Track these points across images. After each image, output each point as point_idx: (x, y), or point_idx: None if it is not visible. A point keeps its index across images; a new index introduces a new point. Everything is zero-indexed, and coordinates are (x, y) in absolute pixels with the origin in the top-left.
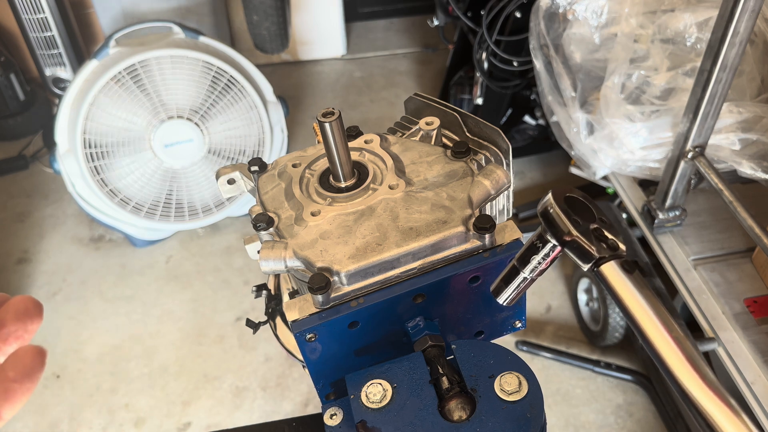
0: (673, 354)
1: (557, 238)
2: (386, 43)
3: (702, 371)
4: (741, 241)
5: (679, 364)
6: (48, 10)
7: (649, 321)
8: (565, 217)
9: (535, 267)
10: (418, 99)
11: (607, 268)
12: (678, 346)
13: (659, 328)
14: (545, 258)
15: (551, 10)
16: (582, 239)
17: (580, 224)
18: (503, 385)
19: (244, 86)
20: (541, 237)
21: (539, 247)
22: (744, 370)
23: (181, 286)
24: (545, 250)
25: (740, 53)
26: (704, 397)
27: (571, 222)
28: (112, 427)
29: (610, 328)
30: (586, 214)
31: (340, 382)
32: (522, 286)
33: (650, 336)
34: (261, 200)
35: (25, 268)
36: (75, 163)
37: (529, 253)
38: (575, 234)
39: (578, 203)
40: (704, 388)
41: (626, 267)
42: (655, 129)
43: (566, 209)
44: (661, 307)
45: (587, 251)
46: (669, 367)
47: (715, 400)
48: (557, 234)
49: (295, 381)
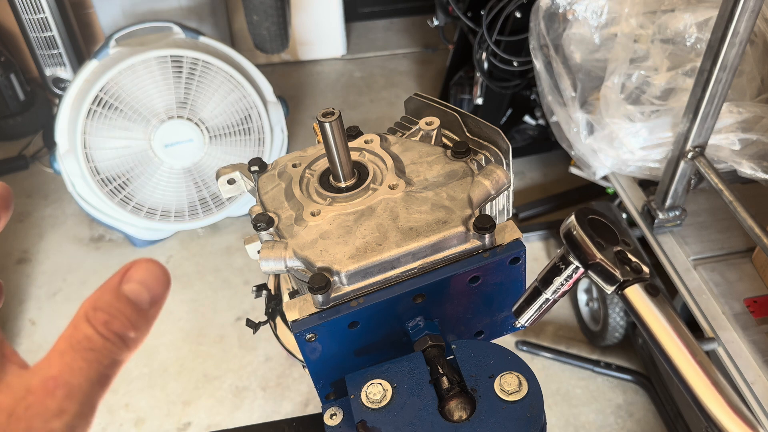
0: (697, 378)
1: (581, 261)
2: (386, 43)
3: (727, 395)
4: (741, 241)
5: (704, 387)
6: (48, 10)
7: (673, 345)
8: (589, 240)
9: (558, 288)
10: (418, 99)
11: (631, 291)
12: (702, 370)
13: (684, 351)
14: (568, 280)
15: (551, 10)
16: (606, 262)
17: (604, 247)
18: (503, 385)
19: (244, 86)
20: (564, 258)
21: (562, 268)
22: (744, 370)
23: (181, 286)
24: (568, 272)
25: (740, 53)
26: (730, 422)
27: (595, 245)
28: (112, 427)
29: (610, 328)
30: (609, 236)
31: (340, 382)
32: (544, 307)
33: (675, 360)
34: (261, 200)
35: (25, 268)
36: (75, 163)
37: (552, 275)
38: (599, 257)
39: (601, 225)
40: (729, 413)
41: (650, 290)
42: (655, 129)
43: (590, 231)
44: (685, 331)
45: (611, 274)
46: (693, 391)
47: (741, 426)
48: (581, 257)
49: (295, 381)
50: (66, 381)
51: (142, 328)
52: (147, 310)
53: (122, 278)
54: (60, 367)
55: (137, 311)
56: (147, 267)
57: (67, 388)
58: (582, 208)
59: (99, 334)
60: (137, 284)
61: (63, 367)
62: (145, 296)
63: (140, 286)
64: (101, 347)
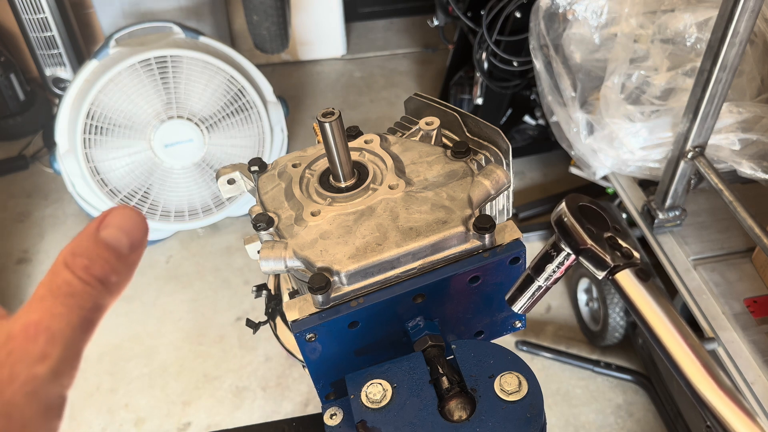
0: (688, 360)
1: (572, 247)
2: (386, 43)
3: (717, 377)
4: (741, 241)
5: (695, 370)
6: (48, 10)
7: (664, 328)
8: (579, 226)
9: (550, 275)
10: (418, 99)
11: (622, 276)
12: (693, 353)
13: (675, 335)
14: (559, 266)
15: (551, 10)
16: (597, 248)
17: (595, 233)
18: (503, 385)
19: (244, 86)
20: (556, 246)
21: (553, 255)
22: (744, 370)
23: (181, 286)
24: (559, 259)
25: (740, 53)
26: (720, 402)
27: (585, 231)
28: (112, 426)
29: (610, 328)
30: (600, 223)
31: (340, 382)
32: (537, 294)
33: (665, 343)
34: (261, 200)
35: (25, 268)
36: (75, 163)
37: (544, 262)
38: (590, 243)
39: (592, 212)
40: (720, 394)
41: (641, 275)
42: (655, 129)
43: (580, 218)
44: (676, 315)
45: (602, 260)
46: (684, 373)
47: (731, 406)
48: (572, 243)
49: (295, 381)
50: (47, 326)
51: (123, 272)
52: (127, 254)
53: (100, 225)
54: (40, 312)
55: (117, 255)
56: (123, 213)
57: (49, 333)
58: (572, 195)
59: (79, 279)
60: (115, 229)
61: (43, 313)
62: (124, 240)
63: (118, 231)
64: (82, 292)
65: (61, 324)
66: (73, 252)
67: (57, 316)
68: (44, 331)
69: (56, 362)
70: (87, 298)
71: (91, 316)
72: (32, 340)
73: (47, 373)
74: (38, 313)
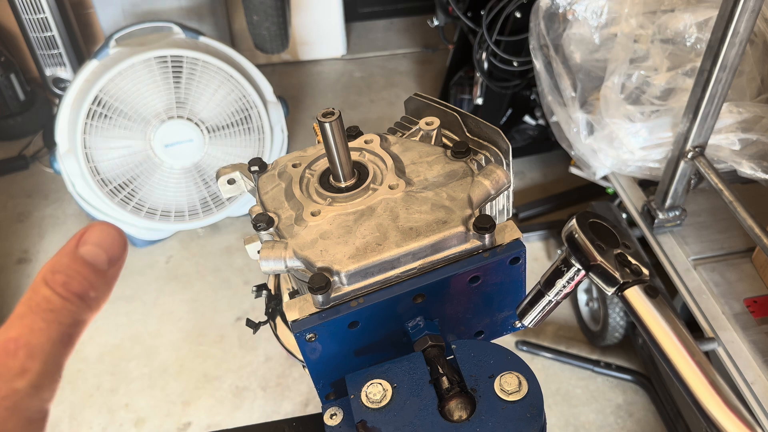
0: (696, 378)
1: (582, 263)
2: (386, 43)
3: (725, 395)
4: (741, 241)
5: (702, 388)
6: (48, 10)
7: (672, 345)
8: (589, 243)
9: (560, 290)
10: (418, 99)
11: (631, 293)
12: (701, 370)
13: (682, 352)
14: (570, 282)
15: (551, 10)
16: (607, 265)
17: (605, 249)
18: (503, 385)
19: (244, 86)
20: (566, 261)
21: (564, 271)
22: (744, 370)
23: (181, 286)
24: (570, 274)
25: (740, 53)
26: (728, 422)
27: (595, 247)
28: (112, 426)
29: (610, 328)
30: (610, 239)
31: (340, 382)
32: (547, 308)
33: (673, 360)
34: (261, 200)
35: (25, 268)
36: (75, 163)
37: (554, 277)
38: (600, 260)
39: (602, 228)
40: (727, 413)
41: (650, 291)
42: (655, 129)
43: (591, 235)
44: (684, 332)
45: (612, 276)
46: (692, 391)
47: (739, 426)
48: (582, 259)
49: (295, 381)
50: (26, 341)
51: (102, 288)
52: (105, 270)
53: (78, 242)
54: (20, 329)
55: (95, 271)
56: (101, 228)
57: (28, 348)
58: (583, 212)
59: (58, 295)
60: (93, 246)
61: (23, 329)
62: (102, 257)
63: (96, 248)
64: (61, 307)
65: (40, 339)
66: (52, 269)
67: (37, 332)
68: (24, 346)
69: (36, 376)
70: (66, 313)
71: (71, 331)
72: (12, 356)
73: (27, 387)
74: (18, 330)
